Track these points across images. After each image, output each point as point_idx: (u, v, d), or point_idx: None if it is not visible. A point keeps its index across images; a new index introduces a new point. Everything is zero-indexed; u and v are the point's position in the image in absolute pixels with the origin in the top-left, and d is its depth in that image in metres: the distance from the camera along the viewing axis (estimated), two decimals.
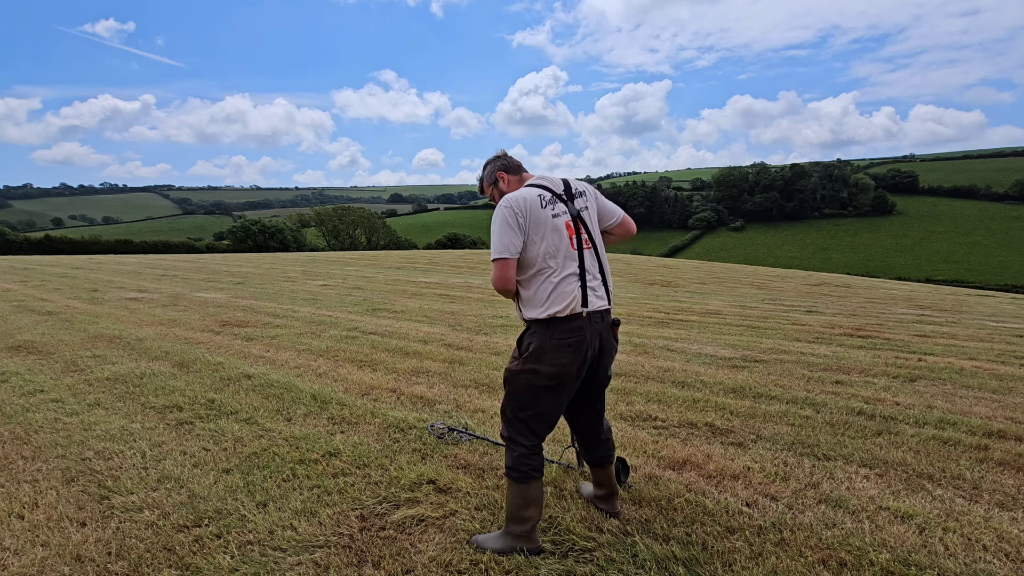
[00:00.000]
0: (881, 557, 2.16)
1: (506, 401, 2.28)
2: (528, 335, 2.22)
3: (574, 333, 2.18)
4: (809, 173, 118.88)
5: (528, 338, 2.22)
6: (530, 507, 2.20)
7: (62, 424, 3.63)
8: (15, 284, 12.85)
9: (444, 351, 5.84)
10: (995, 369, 5.39)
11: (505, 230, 2.16)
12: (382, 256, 29.87)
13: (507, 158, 2.42)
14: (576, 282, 2.20)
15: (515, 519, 2.21)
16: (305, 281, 14.37)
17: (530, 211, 2.17)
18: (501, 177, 2.38)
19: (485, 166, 2.45)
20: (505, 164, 2.40)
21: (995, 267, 76.47)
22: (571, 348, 2.17)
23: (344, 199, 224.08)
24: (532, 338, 2.20)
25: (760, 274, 24.02)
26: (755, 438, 3.43)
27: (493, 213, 2.23)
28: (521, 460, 2.20)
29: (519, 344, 2.25)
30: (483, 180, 2.46)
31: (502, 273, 2.18)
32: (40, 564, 2.15)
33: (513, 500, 2.21)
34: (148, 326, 7.24)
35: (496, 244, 2.18)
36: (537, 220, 2.18)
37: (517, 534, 2.20)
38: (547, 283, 2.17)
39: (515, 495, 2.21)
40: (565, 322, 2.17)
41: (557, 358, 2.16)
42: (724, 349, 6.16)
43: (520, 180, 2.37)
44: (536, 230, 2.17)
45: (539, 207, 2.19)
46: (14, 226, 59.02)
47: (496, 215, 2.20)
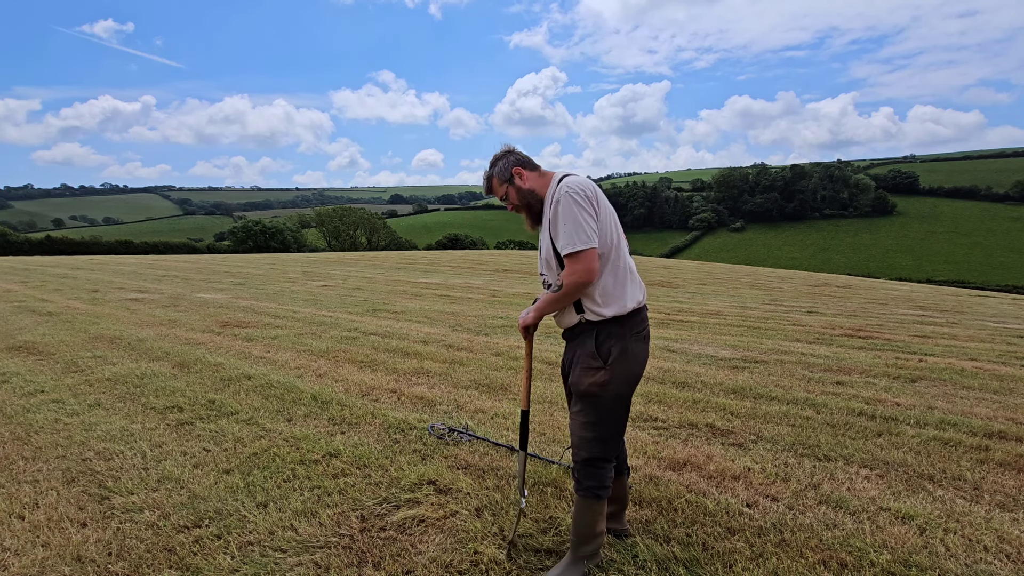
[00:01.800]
0: (882, 558, 2.16)
1: (596, 420, 2.03)
2: (604, 337, 2.00)
3: (644, 323, 2.07)
4: (809, 174, 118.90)
5: (607, 341, 2.00)
6: (603, 521, 2.12)
7: (63, 425, 3.63)
8: (16, 285, 12.86)
9: (444, 352, 5.83)
10: (996, 370, 5.38)
11: (584, 215, 1.93)
12: (382, 257, 29.88)
13: (520, 153, 2.20)
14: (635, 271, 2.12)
15: (589, 538, 2.09)
16: (305, 282, 14.37)
17: (598, 195, 2.01)
18: (518, 173, 2.14)
19: (495, 162, 2.19)
20: (521, 159, 2.17)
21: (996, 268, 76.45)
22: (645, 338, 2.07)
23: (344, 200, 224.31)
24: (611, 340, 1.99)
25: (760, 275, 24.01)
26: (756, 439, 3.43)
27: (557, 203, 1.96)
28: (607, 477, 2.07)
29: (597, 350, 2.00)
30: (493, 178, 2.19)
31: (588, 264, 1.93)
32: (40, 564, 2.15)
33: (590, 519, 2.07)
34: (149, 327, 7.24)
35: (576, 232, 1.92)
36: (604, 204, 2.02)
37: (589, 554, 2.10)
38: (622, 273, 2.01)
39: (594, 513, 2.07)
40: (637, 313, 2.04)
41: (641, 353, 2.03)
42: (724, 350, 6.16)
43: (540, 175, 2.15)
44: (604, 218, 2.00)
45: (601, 193, 2.03)
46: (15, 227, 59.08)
47: (564, 201, 1.95)
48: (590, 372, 2.01)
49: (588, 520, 2.08)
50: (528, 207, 2.14)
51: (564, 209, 1.95)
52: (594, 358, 2.01)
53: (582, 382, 2.03)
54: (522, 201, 2.14)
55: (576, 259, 1.93)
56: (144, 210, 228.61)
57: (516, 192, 2.14)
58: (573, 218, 1.93)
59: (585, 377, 2.03)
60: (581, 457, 2.07)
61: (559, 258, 2.01)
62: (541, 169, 2.18)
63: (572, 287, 1.97)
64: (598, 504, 2.07)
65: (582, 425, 2.06)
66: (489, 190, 2.22)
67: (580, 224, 1.93)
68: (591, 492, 2.06)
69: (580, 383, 2.04)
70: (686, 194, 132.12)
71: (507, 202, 2.18)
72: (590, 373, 2.01)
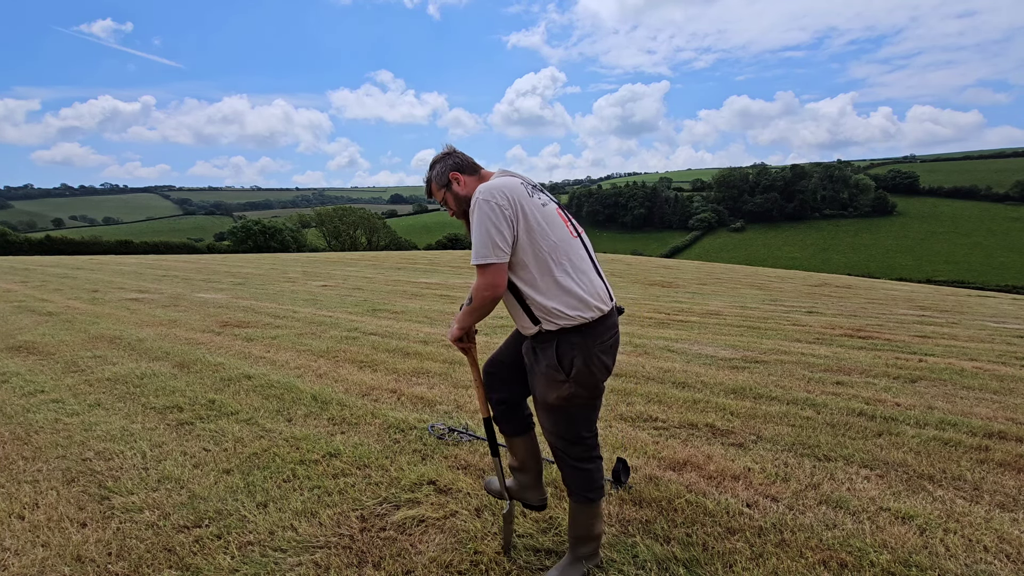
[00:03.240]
0: (882, 558, 2.16)
1: (562, 429, 1.98)
2: (565, 350, 1.88)
3: (611, 331, 1.94)
4: (809, 174, 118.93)
5: (567, 353, 1.88)
6: (600, 521, 2.08)
7: (62, 425, 3.63)
8: (16, 284, 12.85)
9: (444, 352, 5.83)
10: (996, 370, 5.38)
11: (492, 226, 1.80)
12: (382, 257, 29.87)
13: (459, 155, 2.07)
14: (595, 273, 1.96)
15: (587, 539, 2.06)
16: (305, 282, 14.37)
17: (519, 200, 1.84)
18: (455, 178, 2.03)
19: (433, 165, 2.08)
20: (458, 162, 2.04)
21: (996, 268, 76.47)
22: (612, 348, 1.96)
23: (344, 199, 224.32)
24: (572, 351, 1.87)
25: (760, 275, 24.01)
26: (756, 439, 3.43)
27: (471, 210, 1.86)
28: (599, 475, 2.04)
29: (559, 362, 1.89)
30: (431, 182, 2.08)
31: (493, 279, 1.82)
32: (40, 564, 2.15)
33: (587, 521, 2.04)
34: (149, 327, 7.24)
35: (481, 244, 1.81)
36: (531, 208, 1.86)
37: (588, 554, 2.07)
38: (569, 281, 1.86)
39: (590, 515, 2.04)
40: (602, 322, 1.91)
41: (604, 363, 1.92)
42: (724, 350, 6.16)
43: (479, 178, 2.03)
44: (536, 220, 1.85)
45: (527, 195, 1.88)
46: (15, 226, 59.07)
47: (476, 211, 1.83)
48: (555, 385, 1.91)
49: (584, 523, 2.06)
50: (465, 214, 2.01)
51: (476, 218, 1.83)
52: (556, 370, 1.90)
53: (548, 395, 1.94)
54: (459, 208, 2.04)
55: (482, 273, 1.83)
56: (144, 210, 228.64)
57: (454, 198, 2.04)
58: (480, 227, 1.81)
59: (550, 391, 1.93)
60: (564, 464, 2.03)
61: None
62: (482, 171, 2.07)
63: (480, 301, 1.89)
64: (592, 507, 2.05)
65: (554, 435, 2.01)
66: (430, 194, 2.11)
67: (486, 234, 1.80)
68: (582, 497, 2.04)
69: (546, 396, 1.95)
70: (686, 194, 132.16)
71: (446, 207, 2.09)
72: (555, 387, 1.91)
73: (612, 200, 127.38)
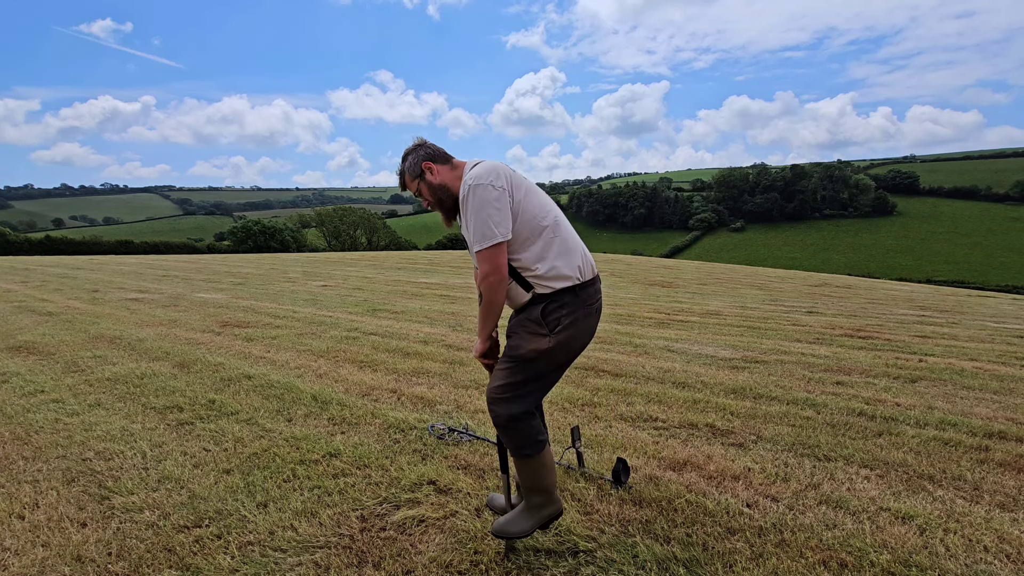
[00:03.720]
0: (882, 558, 2.16)
1: (523, 381, 1.98)
2: (553, 308, 1.94)
3: (597, 295, 2.02)
4: (809, 174, 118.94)
5: (555, 311, 1.94)
6: (550, 472, 2.09)
7: (63, 424, 3.63)
8: (16, 285, 12.86)
9: (445, 352, 5.83)
10: (996, 370, 5.38)
11: (492, 208, 1.84)
12: (383, 257, 29.87)
13: (430, 146, 2.11)
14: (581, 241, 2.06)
15: (538, 490, 2.08)
16: (305, 282, 14.38)
17: (506, 176, 1.93)
18: (428, 168, 2.06)
19: (405, 157, 2.12)
20: (430, 152, 2.08)
21: (996, 268, 76.48)
22: (597, 312, 2.02)
23: (345, 199, 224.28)
24: (561, 311, 1.94)
25: (760, 275, 24.01)
26: (756, 439, 3.43)
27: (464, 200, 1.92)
28: (535, 430, 2.04)
29: (544, 318, 1.94)
30: (404, 174, 2.11)
31: (497, 260, 1.87)
32: (40, 564, 2.15)
33: (534, 473, 2.06)
34: (149, 327, 7.24)
35: (483, 226, 1.85)
36: (520, 183, 1.96)
37: (541, 503, 2.10)
38: (561, 244, 1.95)
39: (536, 467, 2.05)
40: (591, 284, 2.00)
41: (588, 325, 1.98)
42: (724, 350, 6.16)
43: (452, 168, 2.07)
44: (525, 193, 1.94)
45: (511, 172, 1.98)
46: (15, 226, 59.08)
47: (471, 198, 1.88)
48: (533, 338, 1.95)
49: (527, 475, 2.07)
50: (440, 203, 2.08)
51: (472, 205, 1.88)
52: (540, 324, 1.95)
53: (522, 346, 1.97)
54: (434, 197, 2.08)
55: (483, 258, 1.88)
56: (144, 210, 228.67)
57: (428, 188, 2.07)
58: (479, 211, 1.86)
59: (526, 342, 1.96)
60: (501, 418, 2.00)
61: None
62: (454, 161, 2.10)
63: (489, 290, 1.93)
64: (535, 459, 2.04)
65: (505, 385, 1.99)
66: (402, 186, 2.15)
67: (489, 218, 1.86)
68: (522, 450, 2.03)
69: (520, 347, 1.97)
70: (686, 194, 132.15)
71: (421, 198, 2.13)
72: (533, 339, 1.95)
73: (612, 200, 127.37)
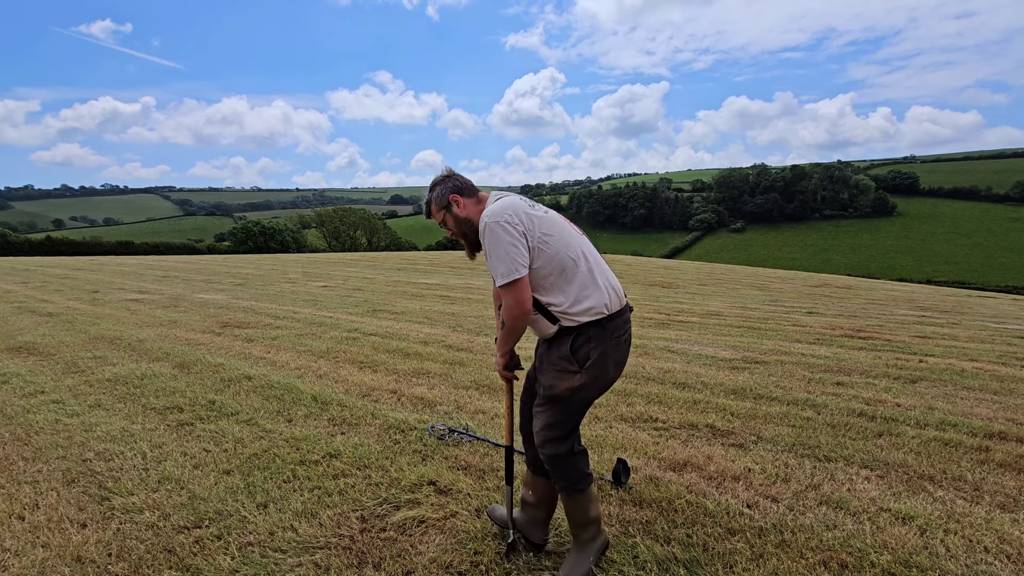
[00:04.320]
0: (882, 559, 2.16)
1: (561, 420, 2.00)
2: (581, 343, 1.94)
3: (625, 325, 2.01)
4: (809, 174, 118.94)
5: (583, 346, 1.94)
6: (595, 503, 2.10)
7: (63, 425, 3.63)
8: (16, 285, 12.86)
9: (445, 352, 5.84)
10: (996, 370, 5.38)
11: (507, 245, 1.88)
12: (383, 257, 29.87)
13: (459, 177, 2.13)
14: (608, 271, 2.04)
15: (586, 524, 2.09)
16: (306, 282, 14.38)
17: (524, 214, 1.94)
18: (455, 200, 2.08)
19: (432, 187, 2.14)
20: (458, 185, 2.10)
21: (996, 268, 76.45)
22: (626, 343, 2.01)
23: (345, 200, 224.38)
24: (589, 344, 1.93)
25: (761, 275, 24.01)
26: (756, 439, 3.43)
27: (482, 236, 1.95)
28: (585, 464, 2.07)
29: (573, 354, 1.94)
30: (431, 204, 2.14)
31: (521, 294, 1.89)
32: (40, 565, 2.15)
33: (583, 508, 2.07)
34: (149, 327, 7.24)
35: (501, 264, 1.88)
36: (536, 219, 1.95)
37: (592, 537, 2.11)
38: (585, 278, 1.94)
39: (585, 502, 2.06)
40: (618, 316, 1.99)
41: (618, 357, 1.99)
42: (725, 350, 6.16)
43: (477, 201, 2.09)
44: (543, 229, 1.94)
45: (528, 208, 1.98)
46: (15, 227, 59.11)
47: (487, 234, 1.91)
48: (565, 376, 1.96)
49: (578, 511, 2.08)
50: (465, 236, 2.10)
51: (490, 241, 1.91)
52: (569, 361, 1.95)
53: (556, 386, 1.97)
54: (459, 230, 2.10)
55: (506, 292, 1.90)
56: (144, 211, 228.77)
57: (453, 220, 2.10)
58: (496, 248, 1.89)
59: (559, 381, 1.97)
60: (550, 457, 2.03)
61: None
62: (480, 194, 2.12)
63: (512, 320, 1.94)
64: (581, 496, 2.06)
65: (547, 425, 2.02)
66: (429, 215, 2.18)
67: (504, 254, 1.88)
68: (571, 489, 2.05)
69: (554, 387, 1.98)
70: (686, 195, 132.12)
71: (445, 228, 2.14)
72: (565, 377, 1.96)
73: (612, 201, 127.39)
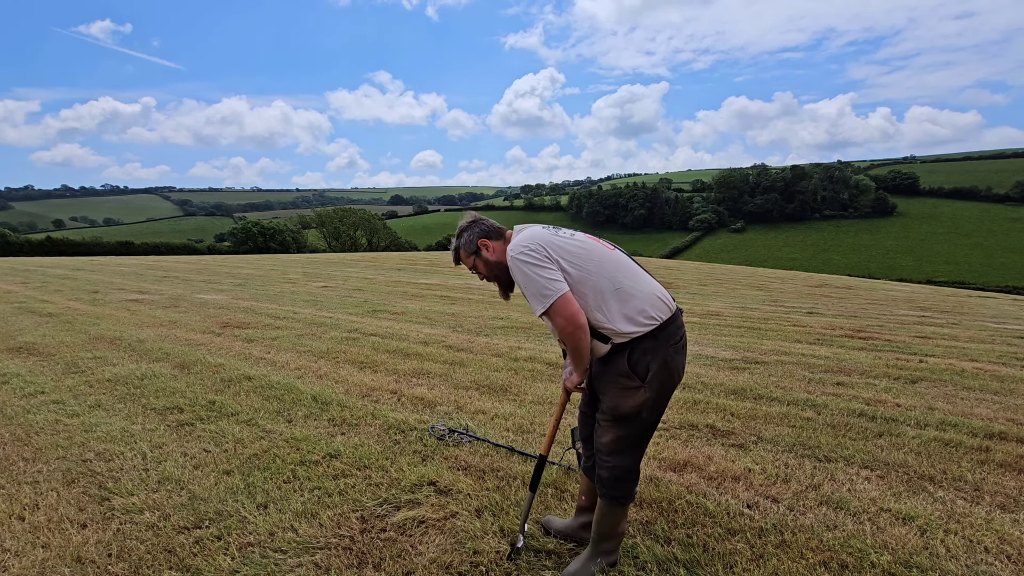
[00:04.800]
0: (882, 559, 2.16)
1: (628, 436, 1.98)
2: (638, 357, 1.90)
3: (680, 330, 1.97)
4: (810, 174, 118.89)
5: (641, 359, 1.90)
6: (624, 522, 2.13)
7: (63, 426, 3.63)
8: (16, 286, 12.86)
9: (445, 352, 5.84)
10: (996, 371, 5.38)
11: (536, 269, 1.87)
12: (383, 257, 29.87)
13: (485, 222, 2.13)
14: (649, 277, 2.01)
15: (611, 537, 2.10)
16: (306, 283, 14.38)
17: (547, 242, 1.94)
18: (484, 245, 2.08)
19: (460, 234, 2.12)
20: (485, 229, 2.10)
21: (996, 268, 76.42)
22: (683, 347, 1.98)
23: (345, 200, 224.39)
24: (646, 356, 1.89)
25: (761, 275, 24.00)
26: (756, 440, 3.43)
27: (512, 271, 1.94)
28: (634, 487, 2.07)
29: (632, 370, 1.90)
30: (460, 250, 2.13)
31: (566, 310, 1.84)
32: (40, 565, 2.15)
33: (618, 520, 2.08)
34: (149, 328, 7.24)
35: (539, 290, 1.85)
36: (560, 243, 1.95)
37: (611, 549, 2.12)
38: (624, 292, 1.91)
39: (617, 516, 2.07)
40: (671, 322, 1.94)
41: (677, 364, 1.95)
42: (725, 350, 6.16)
43: (505, 242, 2.07)
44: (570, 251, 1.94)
45: (551, 234, 1.99)
46: (15, 227, 59.09)
47: (513, 269, 1.92)
48: (629, 393, 1.92)
49: (611, 522, 2.08)
50: (497, 279, 2.10)
51: (517, 274, 1.92)
52: (630, 377, 1.91)
53: (622, 405, 1.93)
54: (491, 273, 2.10)
55: (551, 315, 1.86)
56: (144, 211, 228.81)
57: (484, 265, 2.09)
58: (529, 278, 1.87)
59: (624, 399, 1.92)
60: (611, 474, 2.01)
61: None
62: (507, 234, 2.11)
63: (571, 339, 1.88)
64: (622, 509, 2.07)
65: (615, 441, 1.99)
66: (458, 261, 2.15)
67: (538, 280, 1.86)
68: (617, 501, 2.05)
69: (619, 406, 1.94)
70: (686, 195, 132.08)
71: (476, 272, 2.14)
72: (629, 394, 1.92)
73: (612, 201, 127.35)
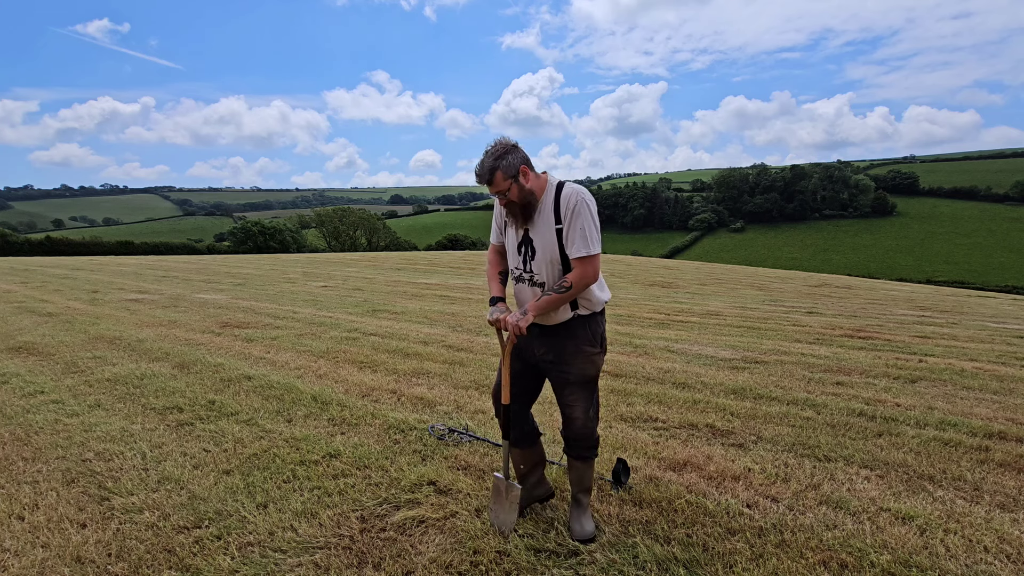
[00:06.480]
0: (882, 559, 2.16)
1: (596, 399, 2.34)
2: (595, 324, 2.25)
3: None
4: (809, 174, 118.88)
5: (597, 329, 2.26)
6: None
7: (62, 425, 3.62)
8: (16, 285, 12.85)
9: (444, 352, 5.83)
10: (996, 370, 5.39)
11: (597, 221, 2.15)
12: (382, 257, 29.87)
13: (523, 151, 2.16)
14: None
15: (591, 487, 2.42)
16: (305, 282, 14.37)
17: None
18: (524, 172, 2.12)
19: (502, 155, 2.09)
20: (526, 157, 2.15)
21: (995, 268, 76.43)
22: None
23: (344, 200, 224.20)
24: (600, 327, 2.26)
25: (760, 275, 24.01)
26: (756, 439, 3.43)
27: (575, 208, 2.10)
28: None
29: (594, 338, 2.24)
30: (497, 171, 2.08)
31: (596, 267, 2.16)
32: (40, 565, 2.15)
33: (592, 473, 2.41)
34: (148, 327, 7.24)
35: (596, 237, 2.13)
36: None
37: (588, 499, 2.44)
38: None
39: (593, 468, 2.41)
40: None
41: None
42: (724, 350, 6.16)
43: (538, 177, 2.19)
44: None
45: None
46: (15, 227, 59.05)
47: (583, 209, 2.10)
48: (593, 359, 2.25)
49: (591, 475, 2.41)
50: (526, 206, 2.19)
51: (584, 216, 2.11)
52: (592, 345, 2.24)
53: (588, 370, 2.24)
54: (522, 199, 2.17)
55: (588, 263, 2.12)
56: (144, 211, 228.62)
57: (519, 190, 2.14)
58: (590, 225, 2.11)
59: (590, 366, 2.24)
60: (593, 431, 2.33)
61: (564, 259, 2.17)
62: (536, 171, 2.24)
63: (580, 288, 2.14)
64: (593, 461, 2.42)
65: (588, 406, 2.29)
66: (489, 181, 2.11)
67: (596, 231, 2.13)
68: (593, 455, 2.38)
69: (587, 372, 2.24)
70: (686, 194, 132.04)
71: (504, 196, 2.16)
72: (594, 360, 2.25)
73: (612, 200, 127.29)
